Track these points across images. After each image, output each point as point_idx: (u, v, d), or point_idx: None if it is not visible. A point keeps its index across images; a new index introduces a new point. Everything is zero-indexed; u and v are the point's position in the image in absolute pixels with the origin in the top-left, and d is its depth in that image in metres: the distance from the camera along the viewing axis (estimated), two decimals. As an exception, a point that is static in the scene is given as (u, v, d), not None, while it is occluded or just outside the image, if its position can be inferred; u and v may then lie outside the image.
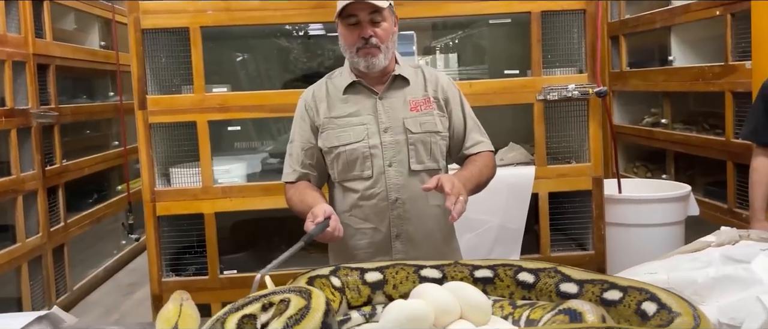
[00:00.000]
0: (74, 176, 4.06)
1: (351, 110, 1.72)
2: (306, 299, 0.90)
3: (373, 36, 1.64)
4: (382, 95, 1.72)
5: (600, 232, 2.66)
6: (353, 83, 1.72)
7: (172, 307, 0.96)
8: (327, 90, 1.75)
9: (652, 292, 1.00)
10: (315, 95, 1.76)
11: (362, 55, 1.66)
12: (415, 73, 1.77)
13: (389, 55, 1.70)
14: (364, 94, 1.73)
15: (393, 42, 1.70)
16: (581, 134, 2.65)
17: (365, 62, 1.66)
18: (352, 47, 1.66)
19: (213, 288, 2.61)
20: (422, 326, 0.98)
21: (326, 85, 1.77)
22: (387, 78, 1.72)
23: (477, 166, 1.69)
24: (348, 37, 1.67)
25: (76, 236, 4.08)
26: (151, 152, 2.54)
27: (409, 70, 1.76)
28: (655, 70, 3.85)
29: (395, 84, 1.73)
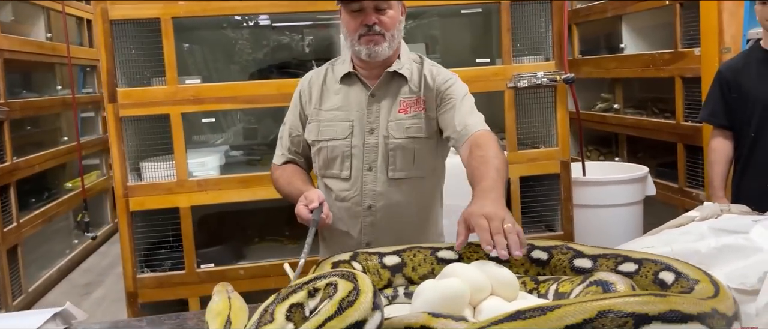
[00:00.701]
0: (25, 174, 3.90)
1: (341, 103, 1.65)
2: (353, 282, 0.92)
3: (376, 24, 1.54)
4: (375, 92, 1.64)
5: (568, 213, 2.77)
6: (349, 73, 1.65)
7: (220, 300, 0.95)
8: (325, 77, 1.70)
9: (666, 262, 1.07)
10: (311, 82, 1.70)
11: (364, 42, 1.55)
12: (414, 69, 1.66)
13: (394, 44, 1.59)
14: (357, 87, 1.65)
15: (399, 31, 1.60)
16: (549, 119, 2.74)
17: (368, 50, 1.56)
18: (353, 34, 1.56)
19: (190, 282, 2.57)
20: (459, 304, 1.01)
21: (326, 72, 1.71)
22: (383, 72, 1.62)
23: (487, 165, 1.39)
24: (350, 23, 1.56)
25: (28, 236, 3.92)
26: (123, 147, 2.47)
27: (409, 65, 1.66)
28: (607, 58, 4.01)
29: (391, 80, 1.64)
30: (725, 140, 2.38)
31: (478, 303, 1.05)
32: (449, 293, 1.01)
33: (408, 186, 1.64)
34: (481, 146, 1.47)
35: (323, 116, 1.66)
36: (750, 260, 1.10)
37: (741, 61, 2.38)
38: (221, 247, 2.71)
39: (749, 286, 1.01)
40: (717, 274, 1.12)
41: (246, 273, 2.60)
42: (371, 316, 0.88)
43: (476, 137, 1.52)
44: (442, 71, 1.68)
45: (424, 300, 1.02)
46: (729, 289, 1.06)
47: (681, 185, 3.44)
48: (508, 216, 1.17)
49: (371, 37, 1.55)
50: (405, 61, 1.66)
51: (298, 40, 3.28)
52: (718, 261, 1.15)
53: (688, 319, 0.82)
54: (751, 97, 2.28)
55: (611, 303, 0.80)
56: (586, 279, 1.01)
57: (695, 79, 3.18)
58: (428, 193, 1.70)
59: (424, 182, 1.66)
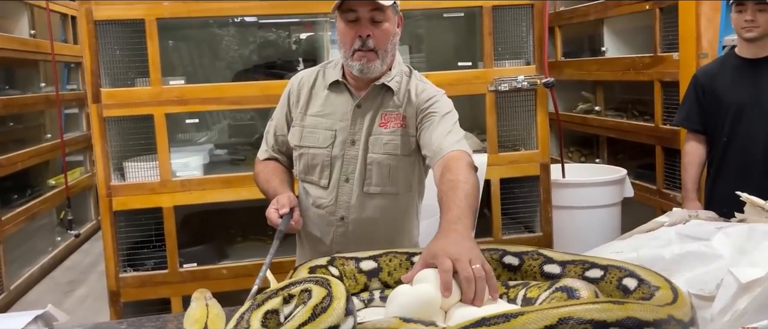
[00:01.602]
0: (8, 172, 3.89)
1: (327, 110, 1.64)
2: (327, 288, 0.95)
3: (370, 36, 1.52)
4: (362, 103, 1.62)
5: (547, 215, 2.82)
6: (337, 81, 1.64)
7: (198, 307, 0.98)
8: (315, 80, 1.69)
9: (630, 269, 1.12)
10: (301, 83, 1.70)
11: (358, 59, 1.53)
12: (401, 82, 1.64)
13: (387, 60, 1.58)
14: (344, 96, 1.64)
15: (393, 45, 1.59)
16: (529, 122, 2.79)
17: (360, 66, 1.54)
18: (348, 48, 1.54)
19: (173, 281, 2.59)
20: (431, 309, 1.05)
21: (317, 75, 1.69)
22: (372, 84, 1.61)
23: (456, 191, 1.35)
24: (346, 34, 1.54)
25: (10, 233, 3.91)
26: (107, 147, 2.48)
27: (399, 77, 1.64)
28: (589, 60, 4.07)
29: (378, 93, 1.62)
30: (699, 144, 2.44)
31: (449, 307, 1.09)
32: (422, 298, 1.05)
33: (381, 201, 1.64)
34: (451, 169, 1.44)
35: (308, 121, 1.66)
36: (710, 267, 1.15)
37: (716, 67, 2.44)
38: (204, 247, 2.73)
39: (707, 292, 1.06)
40: (679, 280, 1.17)
41: (229, 273, 2.62)
42: (344, 322, 0.92)
43: (448, 158, 1.49)
44: (427, 87, 1.66)
45: (397, 304, 1.06)
46: (689, 295, 1.10)
47: (659, 186, 3.50)
48: (475, 255, 1.12)
49: (364, 53, 1.54)
50: (395, 73, 1.64)
51: (285, 38, 3.30)
52: (681, 267, 1.19)
53: (644, 325, 0.86)
54: (725, 102, 2.34)
55: (571, 311, 0.84)
56: (553, 285, 1.06)
57: (673, 83, 3.24)
58: (402, 210, 1.70)
59: (399, 198, 1.66)
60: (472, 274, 1.08)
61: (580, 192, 3.00)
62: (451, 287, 1.08)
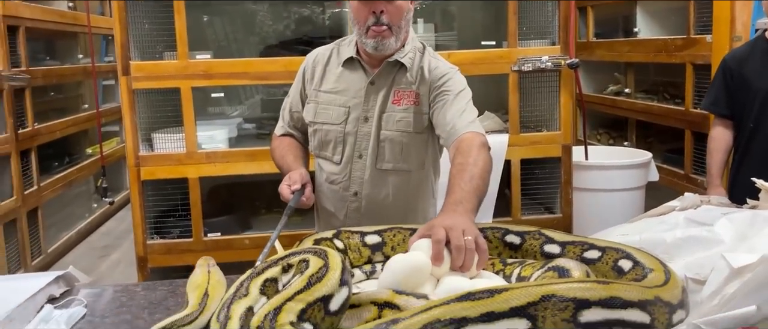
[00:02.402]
0: (46, 140, 4.04)
1: (341, 87, 1.66)
2: (324, 259, 0.99)
3: (384, 12, 1.52)
4: (375, 80, 1.63)
5: (568, 197, 2.81)
6: (352, 58, 1.65)
7: (201, 273, 1.03)
8: (329, 57, 1.70)
9: (627, 251, 1.13)
10: (316, 60, 1.72)
11: (372, 35, 1.54)
12: (414, 59, 1.64)
13: (401, 36, 1.58)
14: (358, 73, 1.65)
15: (407, 21, 1.59)
16: (552, 103, 2.77)
17: (374, 43, 1.55)
18: (362, 25, 1.55)
19: (197, 250, 2.68)
20: (421, 276, 1.08)
21: (331, 52, 1.71)
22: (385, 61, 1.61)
23: (463, 174, 1.37)
24: (359, 11, 1.54)
25: (49, 199, 4.07)
26: (135, 118, 2.56)
27: (412, 53, 1.64)
28: (620, 42, 3.99)
29: (391, 69, 1.63)
30: (725, 129, 2.40)
31: (441, 275, 1.11)
32: (412, 265, 1.08)
33: (394, 178, 1.66)
34: (462, 152, 1.46)
35: (322, 97, 1.68)
36: (710, 251, 1.15)
37: (746, 51, 2.38)
38: (228, 217, 2.81)
39: (703, 277, 1.06)
40: (678, 264, 1.17)
41: (251, 243, 2.70)
42: (338, 291, 0.95)
43: (461, 140, 1.50)
44: (440, 64, 1.66)
45: (391, 271, 1.10)
46: (684, 279, 1.11)
47: (687, 171, 3.45)
48: (469, 228, 1.15)
49: (379, 30, 1.54)
50: (408, 49, 1.64)
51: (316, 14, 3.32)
52: (682, 251, 1.19)
53: (628, 306, 0.88)
54: (753, 87, 2.29)
55: (554, 289, 0.86)
56: (546, 265, 1.08)
57: (706, 66, 3.17)
58: (415, 186, 1.71)
59: (412, 175, 1.68)
60: (463, 244, 1.11)
61: (603, 175, 2.97)
62: (443, 256, 1.11)
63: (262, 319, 0.87)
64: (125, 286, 1.29)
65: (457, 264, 1.12)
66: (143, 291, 1.27)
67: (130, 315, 1.17)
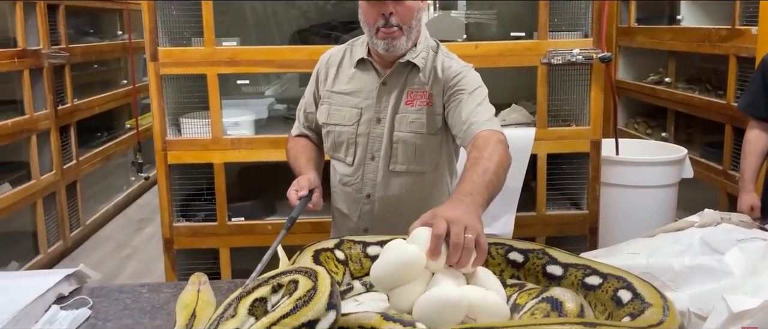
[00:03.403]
0: (85, 115, 4.15)
1: (353, 88, 1.64)
2: (313, 280, 0.99)
3: (393, 14, 1.49)
4: (387, 80, 1.61)
5: (595, 193, 2.75)
6: (363, 59, 1.64)
7: (190, 291, 1.04)
8: (342, 58, 1.69)
9: (629, 281, 1.09)
10: (330, 60, 1.71)
11: (382, 37, 1.52)
12: (427, 58, 1.61)
13: (412, 37, 1.56)
14: (370, 74, 1.63)
15: (418, 20, 1.56)
16: (582, 97, 2.69)
17: (385, 45, 1.53)
18: (371, 26, 1.53)
19: (221, 233, 2.73)
20: (414, 271, 1.07)
21: (344, 52, 1.70)
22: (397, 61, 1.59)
23: (476, 166, 1.32)
24: (368, 12, 1.52)
25: (87, 173, 4.21)
26: (163, 103, 2.60)
27: (425, 52, 1.61)
28: (663, 29, 3.84)
29: (404, 69, 1.61)
30: (762, 133, 2.30)
31: (436, 270, 1.10)
32: (405, 259, 1.08)
33: (407, 180, 1.65)
34: (478, 147, 1.41)
35: (334, 99, 1.67)
36: (718, 283, 1.11)
37: (789, 51, 2.27)
38: (253, 202, 2.84)
39: (705, 312, 1.03)
40: (683, 294, 1.14)
41: (273, 228, 2.73)
42: (324, 316, 0.96)
43: (477, 137, 1.46)
44: (453, 63, 1.63)
45: (383, 262, 1.10)
46: (687, 313, 1.08)
47: (725, 167, 3.33)
48: (473, 226, 1.09)
49: (389, 30, 1.51)
50: (421, 49, 1.62)
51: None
52: (689, 281, 1.16)
53: (615, 350, 0.86)
54: (794, 90, 2.18)
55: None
56: (541, 294, 1.05)
57: (750, 60, 3.03)
58: (429, 188, 1.69)
59: (425, 177, 1.66)
60: (462, 241, 1.07)
61: (634, 171, 2.89)
62: (440, 251, 1.07)
63: (244, 345, 0.88)
64: (132, 287, 1.32)
65: (452, 261, 1.08)
66: (148, 293, 1.30)
67: (131, 319, 1.20)
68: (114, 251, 4.06)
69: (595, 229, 2.79)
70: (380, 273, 1.10)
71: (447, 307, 1.03)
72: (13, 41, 3.37)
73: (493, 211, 2.73)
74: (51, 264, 3.73)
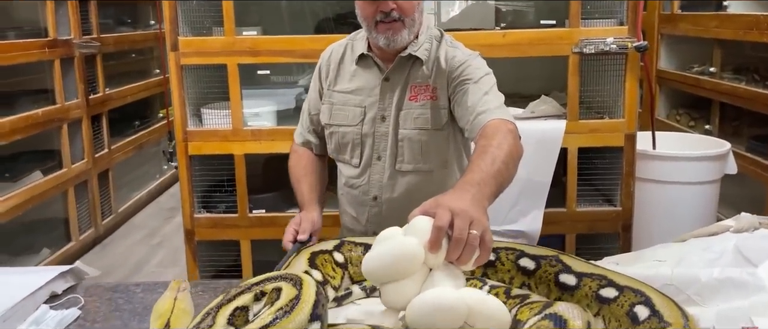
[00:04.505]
0: (117, 104, 4.19)
1: (355, 86, 1.57)
2: (297, 288, 0.93)
3: (394, 9, 1.42)
4: (389, 76, 1.54)
5: (629, 189, 2.61)
6: (364, 54, 1.56)
7: (167, 299, 0.99)
8: (343, 54, 1.63)
9: (647, 295, 0.99)
10: (331, 58, 1.65)
11: (382, 30, 1.45)
12: (430, 50, 1.54)
13: (415, 29, 1.49)
14: (372, 70, 1.56)
15: (420, 12, 1.49)
16: (617, 89, 2.56)
17: (385, 39, 1.46)
18: (369, 20, 1.45)
19: (242, 225, 2.70)
20: (412, 266, 0.99)
21: (345, 48, 1.63)
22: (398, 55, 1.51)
23: (484, 155, 1.23)
24: (365, 8, 1.45)
25: (120, 161, 4.25)
26: (183, 93, 2.58)
27: (428, 44, 1.54)
28: (708, 16, 3.63)
29: (406, 63, 1.54)
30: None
31: (434, 266, 1.02)
32: (402, 253, 1.00)
33: (414, 179, 1.57)
34: (487, 135, 1.32)
35: (336, 98, 1.60)
36: (748, 300, 1.00)
37: None
38: (275, 194, 2.80)
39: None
40: (710, 311, 1.03)
41: (294, 222, 2.68)
42: (307, 327, 0.89)
43: (486, 127, 1.36)
44: (458, 52, 1.54)
45: (379, 254, 1.02)
46: (711, 333, 0.97)
47: (772, 163, 3.14)
48: (478, 220, 0.99)
49: (389, 24, 1.44)
50: (423, 40, 1.54)
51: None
52: (718, 295, 1.05)
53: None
54: None
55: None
56: (544, 310, 0.96)
57: (802, 49, 2.83)
58: (437, 187, 1.58)
59: (433, 175, 1.57)
60: (465, 237, 0.98)
61: (672, 166, 2.74)
62: (440, 244, 0.98)
63: (218, 358, 0.82)
64: (126, 286, 1.28)
65: (452, 258, 0.99)
66: (142, 292, 1.26)
67: (120, 321, 1.15)
68: (144, 239, 4.09)
69: (628, 227, 2.66)
70: (373, 265, 1.02)
71: (444, 312, 0.95)
72: (44, 31, 3.40)
73: (520, 206, 2.64)
74: (83, 251, 3.79)
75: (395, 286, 1.02)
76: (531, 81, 2.97)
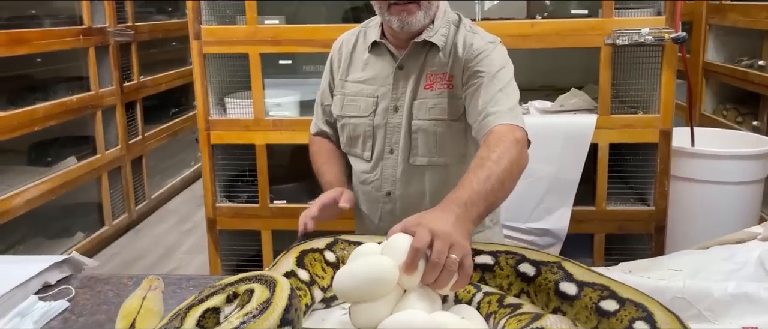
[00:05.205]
0: (152, 92, 4.24)
1: (368, 75, 1.50)
2: (270, 291, 0.88)
3: None
4: (403, 63, 1.46)
5: (663, 188, 2.49)
6: (377, 41, 1.49)
7: (136, 297, 0.96)
8: (355, 43, 1.55)
9: (650, 311, 0.91)
10: (342, 47, 1.57)
11: (395, 12, 1.37)
12: (448, 36, 1.45)
13: (431, 12, 1.40)
14: (385, 58, 1.48)
15: None
16: (652, 82, 2.43)
17: (399, 21, 1.37)
18: (383, 2, 1.37)
19: (263, 215, 2.69)
20: (384, 287, 0.94)
21: (357, 36, 1.56)
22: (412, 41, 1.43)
23: (479, 170, 1.16)
24: None
25: (154, 148, 4.31)
26: (206, 82, 2.57)
27: (445, 29, 1.45)
28: (758, 6, 3.42)
29: (421, 50, 1.46)
30: None
31: (409, 287, 0.97)
32: (375, 274, 0.95)
33: (429, 174, 1.49)
34: (489, 145, 1.25)
35: (348, 88, 1.53)
36: (762, 318, 0.91)
37: None
38: (296, 184, 2.78)
39: (740, 356, 0.84)
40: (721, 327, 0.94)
41: (315, 214, 2.65)
42: (276, 333, 0.85)
43: (490, 132, 1.29)
44: (477, 39, 1.44)
45: (351, 273, 0.97)
46: (718, 354, 0.89)
47: (824, 163, 2.93)
48: (459, 244, 0.96)
49: (404, 6, 1.36)
50: (439, 25, 1.45)
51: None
52: (731, 311, 0.96)
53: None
54: None
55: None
56: (532, 323, 0.89)
57: None
58: (454, 183, 1.48)
59: (449, 170, 1.48)
60: (442, 262, 0.94)
61: (711, 164, 2.59)
62: (416, 266, 0.94)
63: (179, 362, 0.79)
64: (119, 279, 1.26)
65: (428, 281, 0.95)
66: (133, 286, 1.24)
67: (106, 315, 1.14)
68: (176, 225, 4.15)
69: (662, 228, 2.53)
70: (344, 284, 0.97)
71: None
72: (79, 19, 3.46)
73: (547, 203, 2.54)
74: (116, 235, 3.86)
75: (366, 306, 0.96)
76: (566, 73, 2.85)
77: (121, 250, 3.74)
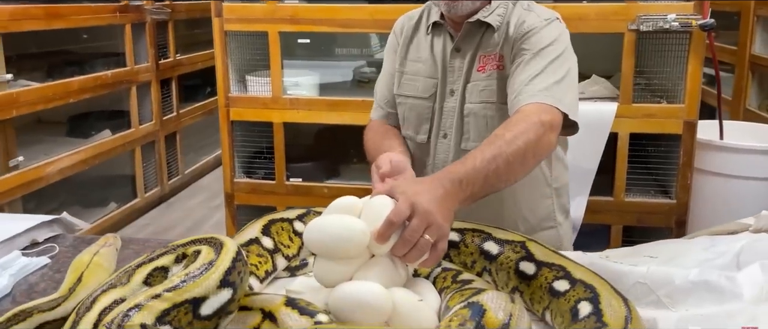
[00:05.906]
0: (188, 70, 4.33)
1: (426, 55, 1.45)
2: (216, 253, 0.90)
3: None
4: (459, 45, 1.40)
5: (685, 181, 2.40)
6: (436, 22, 1.44)
7: (87, 252, 0.98)
8: (418, 21, 1.50)
9: (597, 292, 0.89)
10: (404, 26, 1.52)
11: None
12: (504, 15, 1.38)
13: None
14: (443, 38, 1.44)
15: None
16: (678, 71, 2.33)
17: (447, 5, 1.35)
18: None
19: (279, 193, 2.73)
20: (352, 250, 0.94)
21: (421, 15, 1.51)
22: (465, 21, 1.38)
23: (488, 147, 1.09)
24: None
25: (188, 125, 4.41)
26: (226, 59, 2.61)
27: (500, 10, 1.38)
28: (810, -5, 3.25)
29: (476, 31, 1.40)
30: None
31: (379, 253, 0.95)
32: (346, 234, 0.93)
33: None
34: (508, 124, 1.17)
35: (408, 67, 1.48)
36: (720, 307, 0.87)
37: None
38: (313, 163, 2.81)
39: (688, 343, 0.81)
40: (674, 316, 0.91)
41: (329, 192, 2.68)
42: (215, 294, 0.86)
43: (519, 111, 1.21)
44: (531, 16, 1.36)
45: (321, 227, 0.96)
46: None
47: None
48: (438, 226, 0.92)
49: None
50: (496, 5, 1.38)
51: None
52: (689, 299, 0.92)
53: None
54: None
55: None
56: (470, 297, 0.88)
57: None
58: None
59: None
60: (414, 241, 0.92)
61: (738, 158, 2.48)
62: (387, 238, 0.92)
63: (115, 317, 0.81)
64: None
65: (397, 254, 0.94)
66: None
67: (81, 272, 1.17)
68: (206, 200, 4.25)
69: (683, 222, 2.44)
70: (313, 236, 0.97)
71: (364, 308, 0.90)
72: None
73: (562, 192, 2.48)
74: (148, 207, 3.99)
75: (329, 264, 0.97)
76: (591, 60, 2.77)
77: (151, 222, 3.86)
